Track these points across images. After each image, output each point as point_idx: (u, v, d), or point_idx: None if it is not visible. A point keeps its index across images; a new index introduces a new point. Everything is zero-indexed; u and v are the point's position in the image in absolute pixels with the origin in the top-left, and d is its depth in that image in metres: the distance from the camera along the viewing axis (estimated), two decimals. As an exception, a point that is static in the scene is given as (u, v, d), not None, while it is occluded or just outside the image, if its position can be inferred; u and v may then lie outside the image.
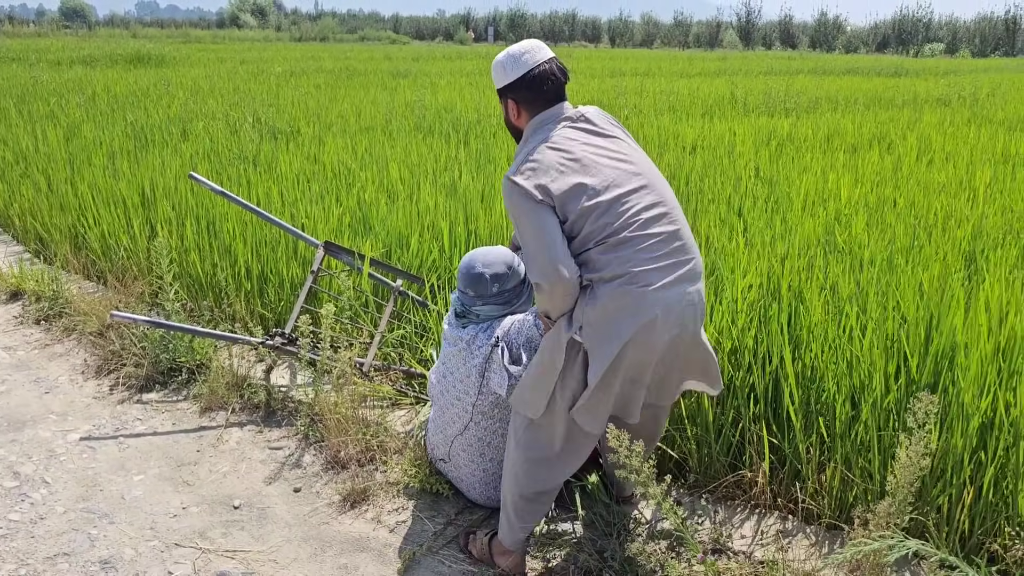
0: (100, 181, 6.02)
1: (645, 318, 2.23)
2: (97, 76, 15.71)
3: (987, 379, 2.70)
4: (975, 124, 9.87)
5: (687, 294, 2.31)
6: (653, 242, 2.26)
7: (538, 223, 2.25)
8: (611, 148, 2.38)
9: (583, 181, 2.27)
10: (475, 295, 2.77)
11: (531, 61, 2.41)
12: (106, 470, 3.30)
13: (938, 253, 3.86)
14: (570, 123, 2.41)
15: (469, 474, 2.94)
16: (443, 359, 2.92)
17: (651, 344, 2.28)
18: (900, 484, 2.18)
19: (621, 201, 2.27)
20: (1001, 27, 54.14)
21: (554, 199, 2.25)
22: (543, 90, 2.40)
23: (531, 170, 2.29)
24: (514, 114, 2.47)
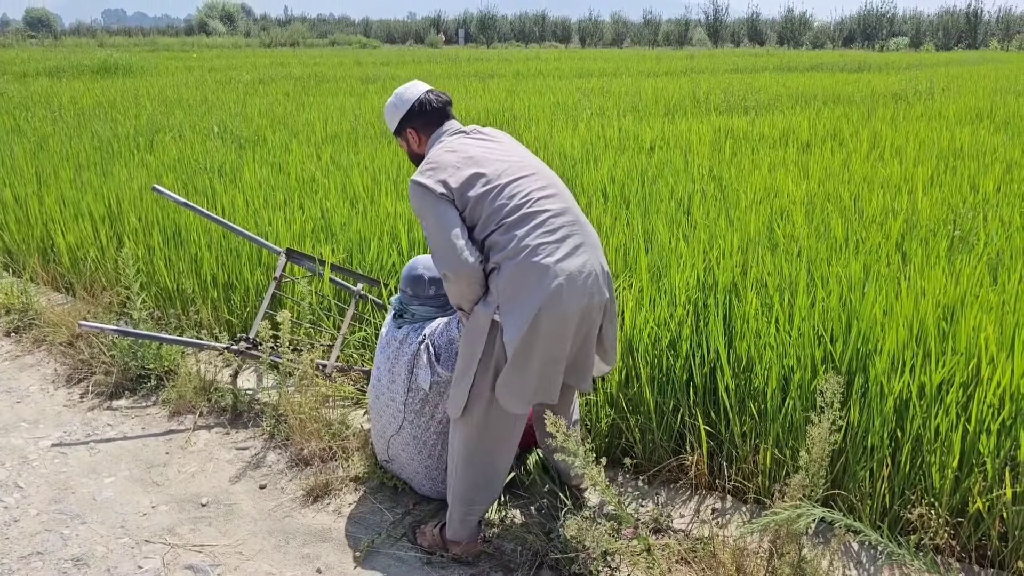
0: (67, 194, 6.12)
1: (551, 287, 2.42)
2: (63, 87, 15.69)
3: (902, 362, 2.90)
4: (926, 118, 10.17)
5: (587, 263, 2.51)
6: (547, 217, 2.49)
7: (439, 216, 2.50)
8: (500, 148, 2.68)
9: (477, 171, 2.54)
10: (413, 294, 3.03)
11: (414, 94, 2.79)
12: (78, 474, 3.43)
13: (868, 245, 4.07)
14: (463, 134, 2.75)
15: (413, 471, 3.11)
16: (376, 366, 3.12)
17: (562, 315, 2.45)
18: (813, 458, 2.37)
19: (513, 184, 2.53)
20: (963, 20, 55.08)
21: (453, 192, 2.51)
22: (431, 111, 2.77)
23: (431, 170, 2.57)
24: (415, 142, 2.82)
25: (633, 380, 3.31)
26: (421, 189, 2.54)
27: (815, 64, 25.69)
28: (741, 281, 3.50)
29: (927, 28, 56.79)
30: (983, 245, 4.22)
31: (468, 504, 2.76)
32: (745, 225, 4.50)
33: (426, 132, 2.78)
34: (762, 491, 3.03)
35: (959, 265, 3.64)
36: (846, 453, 2.91)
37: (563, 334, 2.50)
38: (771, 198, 5.42)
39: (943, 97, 13.18)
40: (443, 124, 2.77)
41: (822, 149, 7.79)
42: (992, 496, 2.67)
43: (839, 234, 4.27)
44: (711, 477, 3.19)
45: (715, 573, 2.60)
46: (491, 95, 14.06)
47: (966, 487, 2.73)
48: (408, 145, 2.85)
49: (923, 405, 2.82)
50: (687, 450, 3.22)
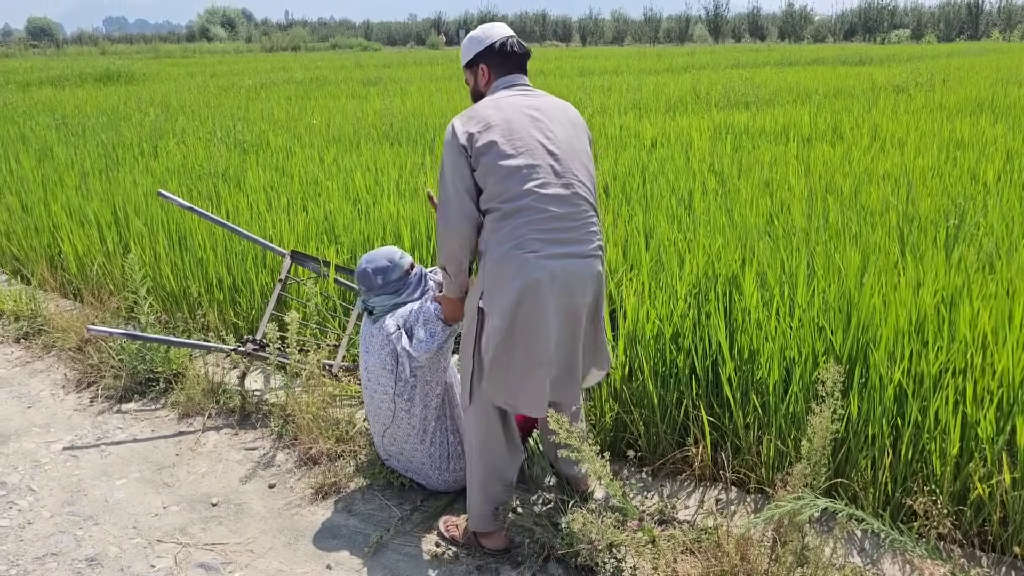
0: (73, 201, 6.17)
1: (529, 279, 2.45)
2: (67, 96, 15.78)
3: (900, 351, 2.93)
4: (927, 110, 10.18)
5: (573, 265, 2.51)
6: (545, 217, 2.47)
7: (452, 165, 2.55)
8: (541, 123, 2.59)
9: (499, 140, 2.50)
10: (367, 289, 3.12)
11: (502, 33, 2.77)
12: (89, 476, 3.48)
13: (867, 237, 4.10)
14: (522, 91, 2.70)
15: (419, 463, 3.15)
16: (363, 367, 3.17)
17: (540, 309, 2.48)
18: (814, 448, 2.40)
19: (527, 172, 2.49)
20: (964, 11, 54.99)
21: (472, 149, 2.52)
22: (510, 53, 2.74)
23: (468, 118, 2.59)
24: (483, 80, 2.77)
25: (636, 373, 3.35)
26: (450, 131, 2.57)
27: (816, 58, 25.67)
28: (741, 274, 3.53)
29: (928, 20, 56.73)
30: (982, 234, 4.24)
31: (485, 494, 2.80)
32: (746, 219, 4.53)
33: (496, 73, 2.76)
34: (765, 481, 3.06)
35: (958, 254, 3.67)
36: (848, 442, 2.95)
37: (540, 330, 2.51)
38: (772, 192, 5.44)
39: (944, 88, 13.18)
40: (513, 73, 2.76)
41: (823, 143, 7.81)
42: (992, 482, 2.69)
43: (839, 226, 4.29)
44: (715, 468, 3.22)
45: (720, 563, 2.63)
46: (492, 95, 14.07)
47: (966, 474, 2.76)
48: (475, 80, 2.81)
49: (922, 393, 2.85)
50: (691, 442, 3.25)
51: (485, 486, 2.79)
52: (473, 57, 2.77)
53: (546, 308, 2.49)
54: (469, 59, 2.79)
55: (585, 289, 2.56)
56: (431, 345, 2.95)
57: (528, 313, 2.48)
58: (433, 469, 3.15)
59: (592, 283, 2.58)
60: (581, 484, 3.14)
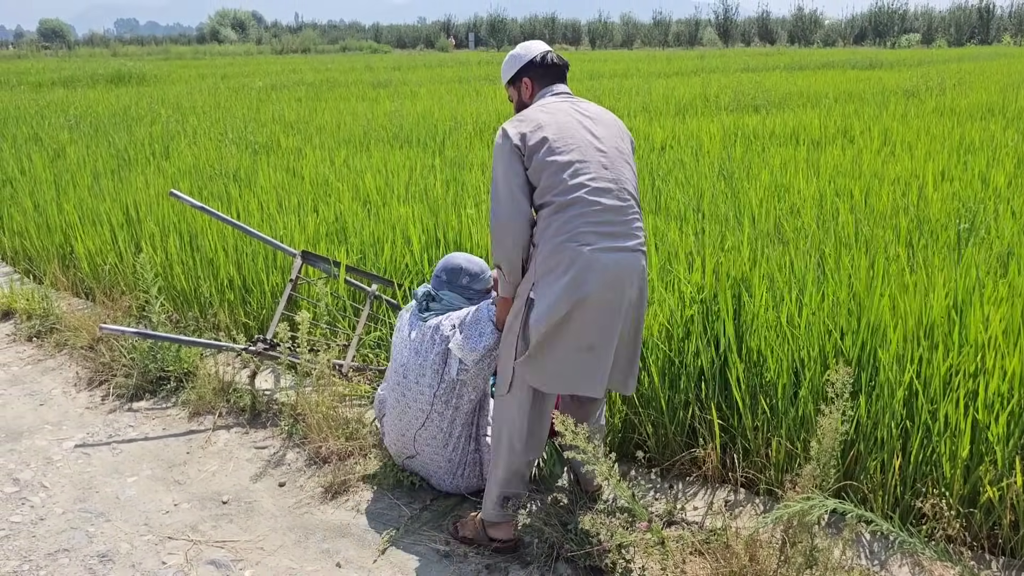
0: (86, 201, 6.22)
1: (579, 272, 2.51)
2: (79, 97, 15.88)
3: (910, 354, 2.93)
4: (938, 114, 10.15)
5: (624, 260, 2.57)
6: (596, 210, 2.55)
7: (506, 166, 2.62)
8: (588, 124, 2.70)
9: (551, 137, 2.60)
10: (447, 280, 3.14)
11: (541, 47, 2.91)
12: (101, 473, 3.51)
13: (877, 240, 4.09)
14: (566, 97, 2.82)
15: (436, 467, 3.16)
16: (397, 363, 3.17)
17: (588, 301, 2.53)
18: (823, 449, 2.40)
19: (578, 166, 2.58)
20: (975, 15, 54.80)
21: (525, 148, 2.60)
22: (553, 66, 2.88)
23: (519, 121, 2.68)
24: (527, 92, 2.89)
25: (644, 376, 3.35)
26: (501, 135, 2.65)
27: (826, 62, 25.63)
28: (751, 276, 3.53)
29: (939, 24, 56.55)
30: (993, 237, 4.23)
31: (504, 486, 2.82)
32: (756, 222, 4.54)
33: (540, 84, 2.87)
34: (774, 483, 3.06)
35: (969, 257, 3.66)
36: (857, 445, 2.94)
37: (591, 321, 2.57)
38: (781, 195, 5.44)
39: (955, 93, 13.14)
40: (555, 84, 2.87)
41: (832, 146, 7.80)
42: (1003, 485, 2.69)
43: (849, 229, 4.29)
44: (723, 470, 3.22)
45: (728, 564, 2.63)
46: (502, 98, 14.11)
47: (976, 477, 2.75)
48: (519, 94, 2.92)
49: (932, 395, 2.85)
50: (699, 444, 3.26)
51: (506, 475, 2.82)
52: (516, 72, 2.89)
53: (594, 301, 2.55)
54: (512, 75, 2.90)
55: (632, 282, 2.61)
56: (478, 346, 2.93)
57: (579, 302, 2.54)
58: (448, 474, 3.16)
59: (637, 277, 2.64)
60: (594, 488, 3.14)
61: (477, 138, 9.03)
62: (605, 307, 2.58)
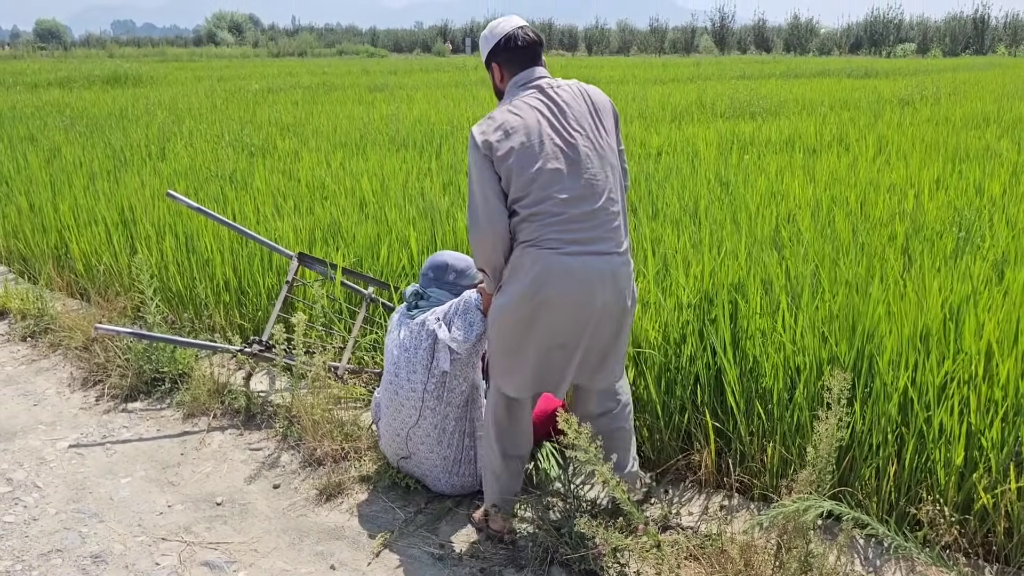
0: (81, 201, 6.20)
1: (543, 273, 2.51)
2: (75, 97, 15.85)
3: (905, 360, 2.94)
4: (933, 123, 10.20)
5: (593, 263, 2.54)
6: (563, 219, 2.51)
7: (479, 172, 2.57)
8: (560, 123, 2.58)
9: (517, 147, 2.52)
10: (434, 277, 3.17)
11: (505, 28, 2.72)
12: (95, 474, 3.49)
13: (873, 247, 4.11)
14: (539, 91, 2.64)
15: (431, 465, 3.16)
16: (389, 364, 3.18)
17: (551, 303, 2.54)
18: (819, 454, 2.41)
19: (546, 177, 2.51)
20: (970, 26, 55.10)
21: (493, 157, 2.54)
22: (517, 49, 2.69)
23: (486, 125, 2.59)
24: (498, 77, 2.75)
25: (640, 380, 3.36)
26: (472, 141, 2.60)
27: (822, 70, 25.73)
28: (747, 282, 3.54)
29: (934, 34, 56.82)
30: (988, 246, 4.25)
31: (497, 474, 2.88)
32: (752, 228, 4.55)
33: (509, 71, 2.71)
34: (769, 488, 3.06)
35: (964, 265, 3.68)
36: (852, 451, 2.95)
37: (558, 322, 2.57)
38: (778, 201, 5.46)
39: (949, 102, 13.20)
40: (527, 67, 2.69)
41: (828, 153, 7.83)
42: (997, 492, 2.70)
43: (845, 236, 4.31)
44: (719, 475, 3.22)
45: (723, 568, 2.63)
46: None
47: (971, 483, 2.76)
48: (492, 79, 2.80)
49: (927, 402, 2.86)
50: (695, 448, 3.26)
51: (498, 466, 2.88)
52: (486, 57, 2.77)
53: (562, 303, 2.54)
54: (484, 59, 2.79)
55: (603, 285, 2.56)
56: (470, 335, 2.96)
57: (541, 304, 2.54)
58: (444, 472, 3.16)
59: (611, 280, 2.58)
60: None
61: (474, 142, 9.04)
62: (571, 309, 2.56)
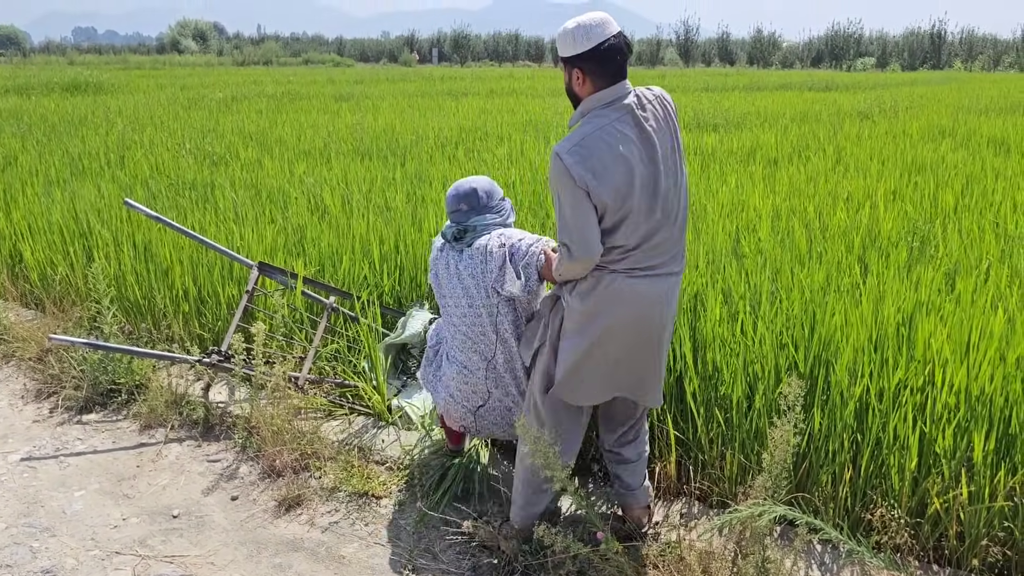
0: (36, 210, 6.09)
1: (615, 293, 2.56)
2: (33, 105, 15.57)
3: (861, 368, 2.98)
4: (891, 136, 10.39)
5: (658, 284, 2.59)
6: (641, 249, 2.54)
7: (575, 202, 2.44)
8: (652, 159, 2.49)
9: (612, 189, 2.43)
10: (469, 208, 3.01)
11: (602, 35, 2.45)
12: (47, 487, 3.42)
13: (830, 256, 4.17)
14: (630, 116, 2.49)
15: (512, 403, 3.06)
16: (449, 303, 3.03)
17: (623, 320, 2.59)
18: (775, 460, 2.43)
19: (634, 216, 2.49)
20: (928, 41, 56.33)
21: (590, 190, 2.42)
22: (611, 63, 2.47)
23: (579, 154, 2.43)
24: (579, 83, 2.52)
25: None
26: (562, 168, 2.43)
27: (784, 83, 26.11)
28: (708, 291, 3.57)
29: (893, 49, 58.00)
30: (941, 255, 4.33)
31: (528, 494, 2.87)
32: (712, 238, 4.59)
33: (596, 82, 2.49)
34: (728, 495, 3.09)
35: (917, 274, 3.75)
36: (809, 457, 2.98)
37: (618, 341, 2.63)
38: (738, 212, 5.52)
39: (907, 115, 13.46)
40: (617, 81, 2.50)
41: (788, 165, 7.94)
42: (949, 496, 2.74)
43: (802, 246, 4.37)
44: (679, 483, 3.24)
45: (682, 576, 2.65)
46: (464, 113, 14.15)
47: (924, 488, 2.80)
48: (570, 80, 2.55)
49: (882, 409, 2.90)
50: (656, 457, 3.27)
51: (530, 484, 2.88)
52: (569, 57, 2.51)
53: (627, 316, 2.59)
54: (564, 56, 2.53)
55: (662, 305, 2.62)
56: (524, 288, 2.88)
57: (610, 321, 2.59)
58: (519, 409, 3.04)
59: (668, 300, 2.64)
60: (634, 512, 3.00)
61: (439, 152, 9.04)
62: (635, 325, 2.61)
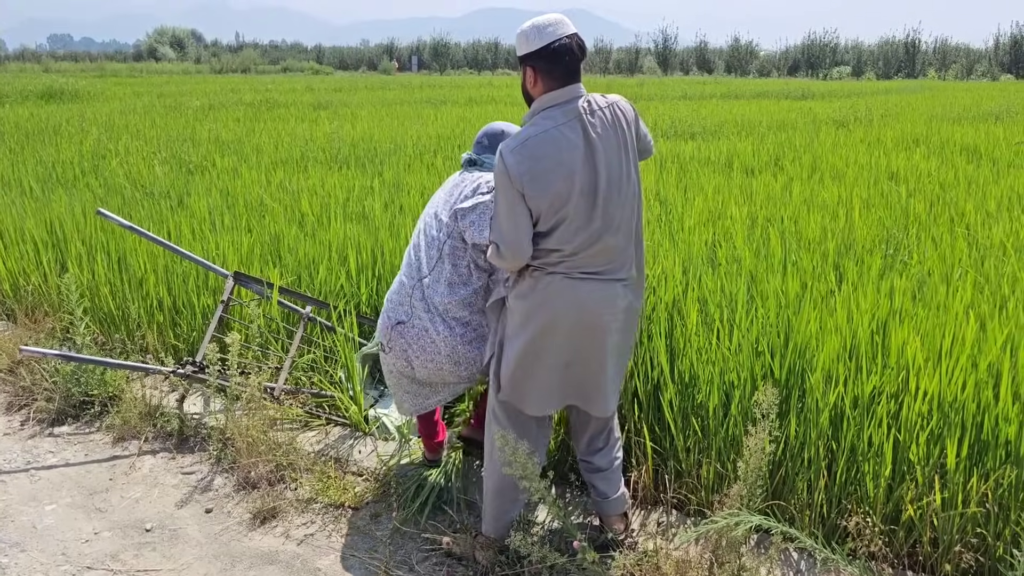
0: (7, 219, 6.01)
1: (552, 295, 2.56)
2: (7, 113, 15.40)
3: (835, 375, 3.00)
4: (866, 144, 10.50)
5: (599, 288, 2.57)
6: (578, 256, 2.54)
7: (510, 204, 2.49)
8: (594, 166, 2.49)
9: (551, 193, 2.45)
10: (488, 144, 3.10)
11: (554, 34, 2.48)
12: (17, 501, 3.37)
13: (805, 264, 4.20)
14: (578, 121, 2.49)
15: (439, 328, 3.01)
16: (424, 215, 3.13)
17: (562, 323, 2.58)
18: (750, 468, 2.44)
19: (571, 221, 2.50)
20: (902, 50, 57.02)
21: (526, 193, 2.45)
22: (561, 63, 2.48)
23: (520, 155, 2.44)
24: (531, 82, 2.53)
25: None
26: (502, 167, 2.46)
27: (761, 92, 26.34)
28: (683, 299, 3.58)
29: (868, 58, 58.66)
30: (915, 263, 4.38)
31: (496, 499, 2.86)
32: (688, 246, 4.61)
33: (547, 82, 2.50)
34: (704, 503, 3.09)
35: (891, 282, 3.78)
36: (785, 464, 3.00)
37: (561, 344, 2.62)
38: (714, 220, 5.55)
39: (881, 124, 13.62)
40: (569, 83, 2.50)
41: (765, 173, 8.00)
42: (923, 503, 2.76)
43: (778, 254, 4.39)
44: (656, 491, 3.24)
45: (659, 585, 2.65)
46: (443, 121, 14.15)
47: (899, 495, 2.82)
48: (524, 79, 2.56)
49: (856, 417, 2.92)
50: (633, 464, 3.27)
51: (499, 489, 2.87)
52: (523, 55, 2.52)
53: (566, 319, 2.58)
54: (520, 54, 2.55)
55: (609, 310, 2.60)
56: (481, 235, 2.87)
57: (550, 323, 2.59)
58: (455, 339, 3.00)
59: (615, 315, 2.62)
60: (611, 520, 2.97)
61: (417, 160, 9.02)
62: (573, 328, 2.59)
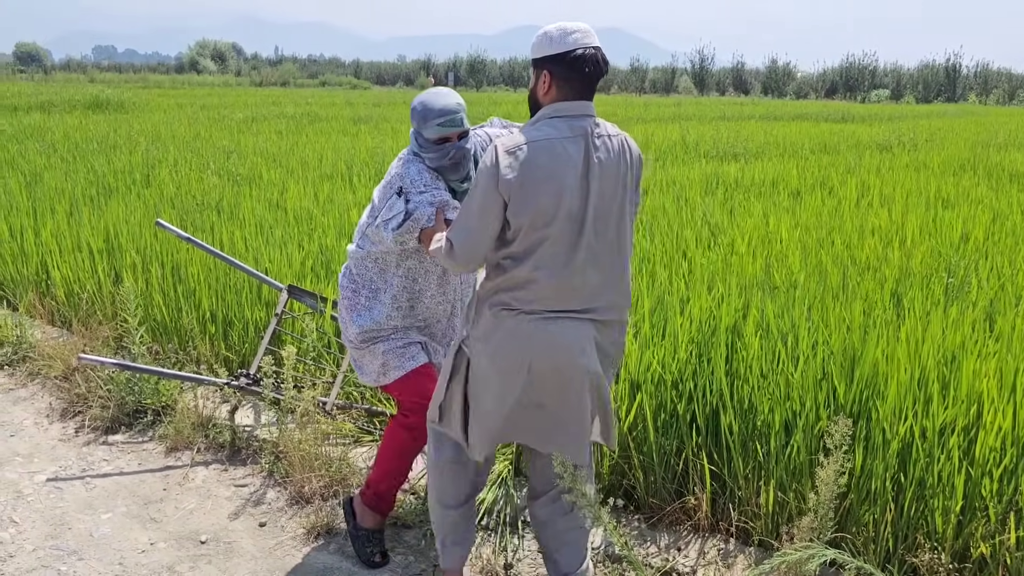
0: (63, 228, 6.11)
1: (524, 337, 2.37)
2: (56, 122, 15.73)
3: (904, 407, 2.94)
4: (912, 169, 10.36)
5: (567, 331, 2.38)
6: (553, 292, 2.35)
7: (484, 204, 2.32)
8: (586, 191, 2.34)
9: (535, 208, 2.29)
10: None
11: (578, 41, 2.34)
12: (74, 509, 3.39)
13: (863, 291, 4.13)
14: (583, 139, 2.35)
15: None
16: None
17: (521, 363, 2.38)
18: (821, 500, 2.39)
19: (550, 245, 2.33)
20: (942, 74, 56.36)
21: (509, 201, 2.29)
22: (580, 72, 2.34)
23: (515, 156, 2.29)
24: (543, 88, 2.39)
25: (638, 420, 3.32)
26: (492, 163, 2.29)
27: (800, 113, 26.16)
28: (743, 323, 3.54)
29: (907, 81, 58.04)
30: (976, 292, 4.29)
31: (440, 526, 2.77)
32: (743, 269, 4.56)
33: (561, 91, 2.36)
34: (766, 533, 3.03)
35: (955, 312, 3.70)
36: (850, 496, 2.93)
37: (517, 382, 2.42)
38: (767, 243, 5.49)
39: (927, 148, 13.44)
40: (582, 98, 2.37)
41: (812, 196, 7.91)
42: (995, 541, 2.69)
43: (834, 280, 4.33)
44: (714, 519, 3.19)
45: (722, 616, 2.60)
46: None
47: (968, 532, 2.75)
48: (535, 82, 2.42)
49: (926, 449, 2.85)
50: (691, 491, 3.22)
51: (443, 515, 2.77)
52: (540, 59, 2.38)
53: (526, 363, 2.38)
54: (535, 57, 2.41)
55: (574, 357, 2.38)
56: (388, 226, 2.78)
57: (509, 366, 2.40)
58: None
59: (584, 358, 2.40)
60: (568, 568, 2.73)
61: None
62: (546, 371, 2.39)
